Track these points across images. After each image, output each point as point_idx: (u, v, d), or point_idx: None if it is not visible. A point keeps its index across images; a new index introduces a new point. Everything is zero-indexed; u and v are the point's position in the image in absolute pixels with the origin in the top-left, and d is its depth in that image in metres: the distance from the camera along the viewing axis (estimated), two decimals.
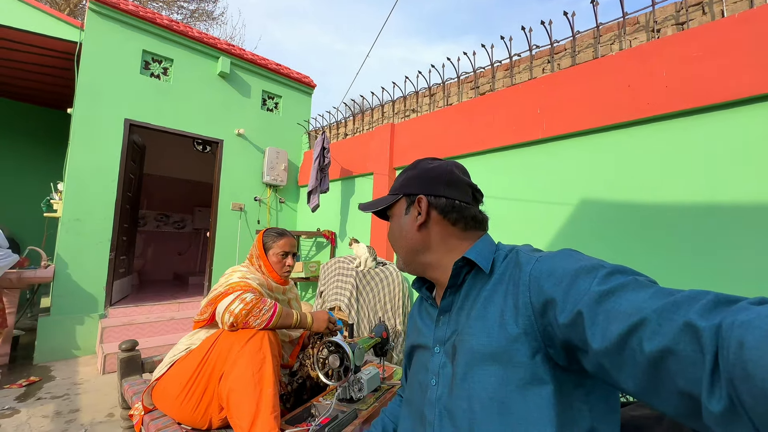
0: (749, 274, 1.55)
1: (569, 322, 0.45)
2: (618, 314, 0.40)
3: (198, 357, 1.22)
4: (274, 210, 4.56)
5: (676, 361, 0.34)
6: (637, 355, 0.38)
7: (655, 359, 0.36)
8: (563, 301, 0.47)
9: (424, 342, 0.68)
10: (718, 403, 0.31)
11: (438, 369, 0.61)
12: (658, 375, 0.36)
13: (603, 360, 0.42)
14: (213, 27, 10.91)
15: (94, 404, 2.30)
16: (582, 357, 0.46)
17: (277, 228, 1.58)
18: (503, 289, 0.57)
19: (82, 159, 3.23)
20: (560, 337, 0.48)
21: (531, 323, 0.51)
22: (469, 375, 0.55)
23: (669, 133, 1.83)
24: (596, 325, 0.42)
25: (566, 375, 0.51)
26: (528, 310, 0.52)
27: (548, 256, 0.54)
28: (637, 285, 0.42)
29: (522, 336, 0.51)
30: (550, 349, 0.50)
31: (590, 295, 0.44)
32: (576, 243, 2.09)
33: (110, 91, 3.40)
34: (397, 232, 0.72)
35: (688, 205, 1.74)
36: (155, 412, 1.29)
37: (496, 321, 0.55)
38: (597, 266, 0.47)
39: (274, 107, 4.70)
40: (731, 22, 1.65)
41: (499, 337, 0.53)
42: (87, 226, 3.23)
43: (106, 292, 3.31)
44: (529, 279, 0.53)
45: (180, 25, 3.85)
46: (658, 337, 0.36)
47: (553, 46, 2.47)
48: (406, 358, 0.78)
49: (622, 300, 0.41)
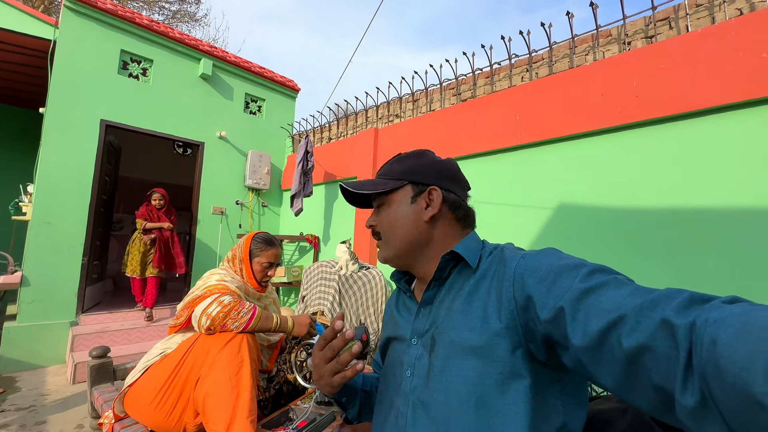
0: (715, 275, 1.62)
1: (551, 318, 0.46)
2: (598, 311, 0.41)
3: (173, 361, 1.19)
4: (256, 214, 4.50)
5: (653, 357, 0.35)
6: (616, 351, 0.39)
7: (632, 355, 0.37)
8: (546, 297, 0.48)
9: (400, 334, 0.68)
10: (690, 397, 0.32)
11: (414, 360, 0.61)
12: (635, 370, 0.37)
13: (582, 356, 0.43)
14: (195, 28, 10.77)
15: (62, 415, 2.20)
16: (562, 352, 0.47)
17: (266, 234, 1.53)
18: (487, 284, 0.57)
19: (55, 160, 3.12)
20: (541, 332, 0.48)
21: (513, 318, 0.52)
22: (447, 368, 0.55)
23: (639, 141, 1.91)
24: (577, 321, 0.43)
25: (544, 370, 0.52)
26: (511, 304, 0.52)
27: (533, 254, 0.55)
28: (617, 283, 0.43)
29: (504, 331, 0.52)
30: (531, 344, 0.51)
31: (572, 292, 0.45)
32: (551, 245, 2.15)
33: (85, 91, 3.30)
34: (395, 221, 0.68)
35: (658, 209, 1.82)
36: (126, 420, 1.25)
37: (478, 315, 0.55)
38: (579, 265, 0.48)
39: (257, 110, 4.66)
40: (694, 38, 1.74)
41: (482, 331, 0.54)
42: (58, 230, 3.10)
43: (77, 298, 3.18)
44: (513, 275, 0.54)
45: (161, 26, 3.79)
46: (636, 333, 0.37)
47: (531, 56, 2.55)
48: (381, 350, 0.77)
49: (603, 297, 0.42)
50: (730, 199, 1.63)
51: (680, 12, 1.99)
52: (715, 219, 1.65)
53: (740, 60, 1.60)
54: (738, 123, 1.64)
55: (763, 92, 1.54)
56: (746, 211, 1.58)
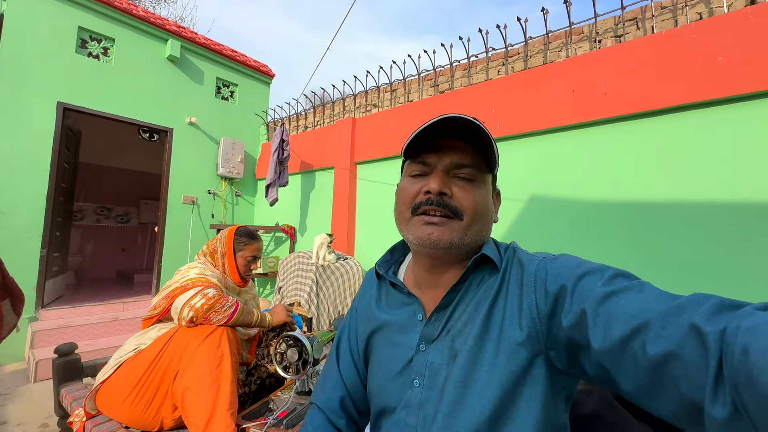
0: (675, 265, 1.75)
1: (574, 323, 0.45)
2: (621, 316, 0.40)
3: (150, 356, 1.17)
4: (229, 203, 4.37)
5: (680, 366, 0.34)
6: (640, 358, 0.37)
7: (658, 363, 0.35)
8: (569, 302, 0.46)
9: (394, 338, 0.62)
10: (721, 409, 0.30)
11: (424, 370, 0.56)
12: (660, 378, 0.36)
13: (604, 360, 0.42)
14: (161, 5, 10.11)
15: (23, 415, 2.10)
16: (584, 358, 0.46)
17: (246, 228, 1.53)
18: (505, 288, 0.55)
19: (6, 145, 2.88)
20: (564, 338, 0.47)
21: (535, 325, 0.50)
22: (470, 380, 0.51)
23: (606, 136, 2.01)
24: (598, 325, 0.42)
25: (559, 378, 0.51)
26: (533, 312, 0.50)
27: (552, 258, 0.54)
28: (641, 288, 0.42)
29: (525, 340, 0.50)
30: (551, 352, 0.50)
31: (594, 295, 0.44)
32: (525, 238, 2.24)
33: (39, 70, 3.05)
34: (485, 206, 0.58)
35: (620, 202, 1.93)
36: (99, 417, 1.21)
37: (498, 324, 0.53)
38: (602, 268, 0.47)
39: (230, 96, 4.49)
40: (659, 39, 1.84)
41: (502, 340, 0.51)
42: (13, 220, 2.90)
43: (36, 292, 3.00)
44: (534, 280, 0.52)
45: (122, 2, 3.54)
46: (662, 340, 0.36)
47: (507, 50, 2.59)
48: (363, 344, 0.68)
49: (626, 302, 0.41)
50: (687, 194, 1.75)
51: (647, 13, 2.09)
52: (674, 213, 1.77)
53: (698, 62, 1.71)
54: (695, 121, 1.76)
55: (716, 94, 1.66)
56: (707, 205, 1.71)
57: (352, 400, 0.69)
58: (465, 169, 0.56)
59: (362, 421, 0.71)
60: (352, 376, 0.70)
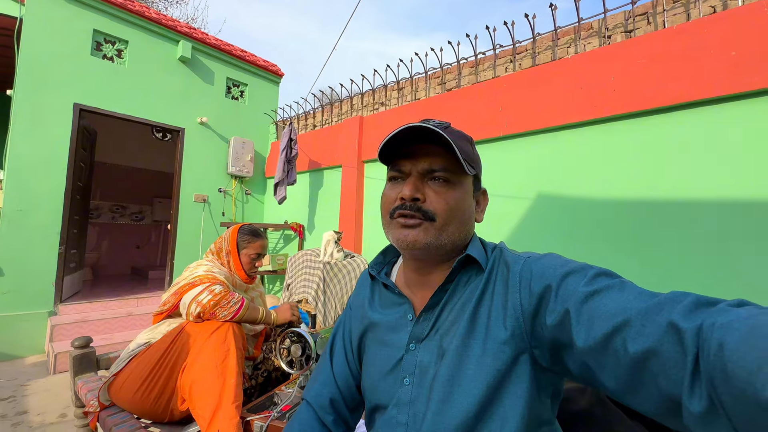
0: (674, 265, 1.72)
1: (557, 322, 0.46)
2: (603, 314, 0.41)
3: (160, 350, 1.21)
4: (239, 202, 4.44)
5: (659, 362, 0.35)
6: (621, 356, 0.38)
7: (638, 360, 0.36)
8: (554, 302, 0.47)
9: (386, 337, 0.63)
10: (698, 403, 0.31)
11: (413, 368, 0.57)
12: (641, 375, 0.37)
13: (587, 358, 0.43)
14: (173, 6, 10.28)
15: (44, 405, 2.18)
16: (567, 357, 0.47)
17: (250, 226, 1.57)
18: (491, 288, 0.56)
19: (25, 145, 2.99)
20: (548, 337, 0.48)
21: (519, 324, 0.51)
22: (456, 378, 0.53)
23: (616, 134, 1.98)
24: (581, 324, 0.43)
25: (544, 375, 0.52)
26: (517, 311, 0.51)
27: (536, 258, 0.55)
28: (622, 287, 0.43)
29: (510, 339, 0.51)
30: (536, 350, 0.51)
31: (577, 295, 0.45)
32: (531, 236, 2.23)
33: (57, 72, 3.15)
34: (461, 208, 0.59)
35: (630, 200, 1.90)
36: (112, 408, 1.26)
37: (484, 323, 0.54)
38: (585, 268, 0.49)
39: (240, 95, 4.55)
40: (670, 34, 1.80)
41: (488, 339, 0.53)
42: (32, 219, 3.00)
43: (55, 288, 3.11)
44: (519, 280, 0.53)
45: (135, 5, 3.62)
46: (642, 338, 0.37)
47: (515, 47, 2.57)
48: (356, 342, 0.70)
49: (608, 300, 0.42)
50: (698, 192, 1.71)
51: (658, 7, 2.04)
52: (682, 210, 1.74)
53: (712, 57, 1.67)
54: (708, 118, 1.72)
55: (731, 89, 1.61)
56: (716, 204, 1.67)
57: (342, 397, 0.70)
58: (438, 173, 0.58)
59: (352, 418, 0.72)
60: (344, 373, 0.71)
